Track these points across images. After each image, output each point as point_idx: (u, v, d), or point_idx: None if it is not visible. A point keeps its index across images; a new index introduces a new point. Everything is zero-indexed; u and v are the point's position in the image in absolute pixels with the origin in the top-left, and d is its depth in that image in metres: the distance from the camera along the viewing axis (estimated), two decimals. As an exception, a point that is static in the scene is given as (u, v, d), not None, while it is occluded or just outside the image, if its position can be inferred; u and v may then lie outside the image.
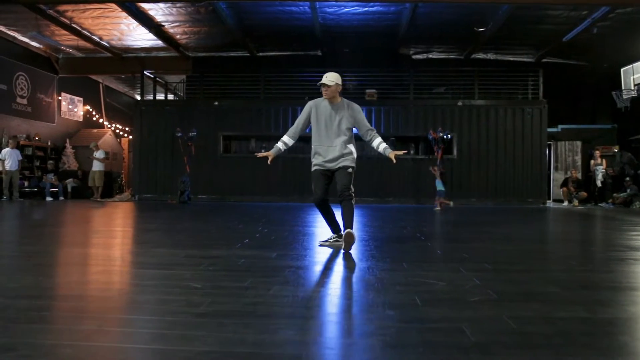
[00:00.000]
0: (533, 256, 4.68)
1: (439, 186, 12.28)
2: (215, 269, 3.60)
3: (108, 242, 5.35)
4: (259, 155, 4.89)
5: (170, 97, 18.77)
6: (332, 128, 4.71)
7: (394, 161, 4.65)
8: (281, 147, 4.90)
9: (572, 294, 2.95)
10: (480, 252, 4.71)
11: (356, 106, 4.84)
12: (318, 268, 3.79)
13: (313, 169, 4.82)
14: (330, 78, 4.66)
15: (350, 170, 4.69)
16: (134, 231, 6.51)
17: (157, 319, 2.31)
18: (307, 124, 4.85)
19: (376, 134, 4.84)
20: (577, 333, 2.19)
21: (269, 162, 4.82)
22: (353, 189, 4.66)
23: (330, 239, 4.91)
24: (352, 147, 4.77)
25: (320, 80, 4.67)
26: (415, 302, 2.67)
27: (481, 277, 3.38)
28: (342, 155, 4.70)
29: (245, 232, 6.28)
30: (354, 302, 2.68)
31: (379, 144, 4.78)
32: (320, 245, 4.89)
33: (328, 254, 4.40)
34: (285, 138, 4.92)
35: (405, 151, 4.72)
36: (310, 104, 4.84)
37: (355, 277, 3.39)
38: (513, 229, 7.57)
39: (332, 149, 4.70)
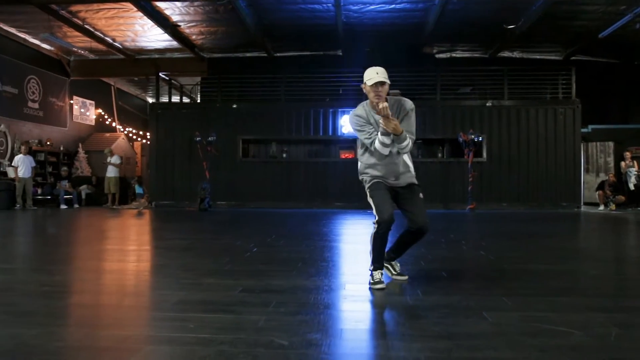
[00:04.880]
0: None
1: (138, 190, 14.57)
2: (288, 310, 3.00)
3: (142, 268, 4.78)
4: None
5: (185, 99, 18.23)
6: None
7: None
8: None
9: None
10: (579, 279, 4.12)
11: (409, 102, 3.72)
12: (411, 304, 3.19)
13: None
14: (385, 74, 3.58)
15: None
16: (167, 251, 5.90)
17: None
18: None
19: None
20: None
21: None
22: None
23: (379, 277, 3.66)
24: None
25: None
26: (574, 369, 2.07)
27: (617, 321, 2.77)
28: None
29: (291, 251, 5.68)
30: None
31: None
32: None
33: (404, 284, 3.79)
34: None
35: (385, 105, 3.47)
36: (361, 113, 3.73)
37: (468, 322, 2.78)
38: (581, 242, 6.98)
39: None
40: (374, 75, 3.57)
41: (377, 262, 3.68)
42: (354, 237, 7.65)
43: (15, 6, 11.93)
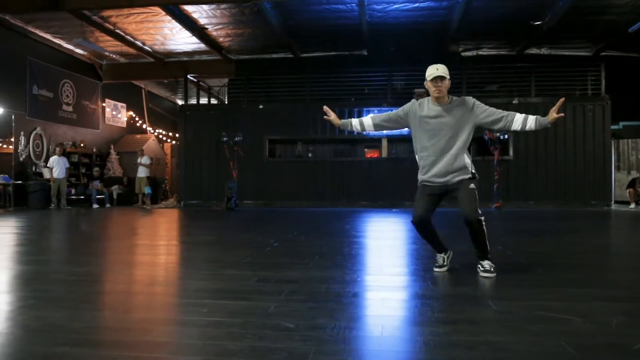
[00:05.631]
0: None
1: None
2: (299, 298, 3.12)
3: (168, 261, 4.97)
4: (327, 117, 4.20)
5: (213, 101, 18.56)
6: (441, 139, 3.81)
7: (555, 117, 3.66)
8: (354, 124, 4.19)
9: None
10: (594, 272, 4.12)
11: (469, 99, 3.83)
12: (419, 293, 3.28)
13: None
14: (445, 70, 3.72)
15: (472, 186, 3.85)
16: (193, 246, 6.12)
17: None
18: (395, 125, 4.11)
19: (513, 113, 3.79)
20: None
21: (330, 117, 4.16)
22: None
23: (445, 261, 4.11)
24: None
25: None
26: (569, 353, 2.13)
27: (623, 310, 2.80)
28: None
29: (310, 245, 5.83)
30: (498, 349, 2.16)
31: (524, 121, 3.73)
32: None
33: (408, 278, 3.88)
34: (365, 119, 4.15)
35: (563, 99, 3.84)
36: (408, 106, 3.96)
37: (472, 310, 2.86)
38: (607, 239, 6.90)
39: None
40: (434, 71, 3.75)
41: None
42: (376, 234, 7.74)
43: (50, 13, 12.37)
